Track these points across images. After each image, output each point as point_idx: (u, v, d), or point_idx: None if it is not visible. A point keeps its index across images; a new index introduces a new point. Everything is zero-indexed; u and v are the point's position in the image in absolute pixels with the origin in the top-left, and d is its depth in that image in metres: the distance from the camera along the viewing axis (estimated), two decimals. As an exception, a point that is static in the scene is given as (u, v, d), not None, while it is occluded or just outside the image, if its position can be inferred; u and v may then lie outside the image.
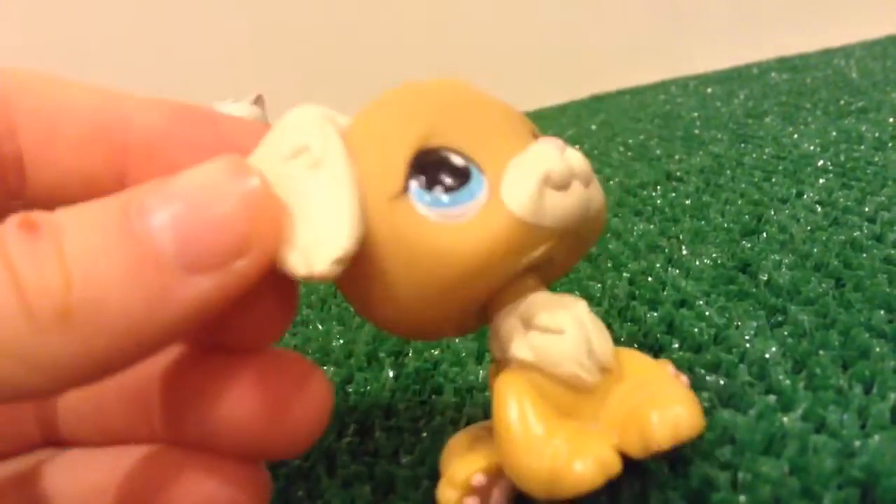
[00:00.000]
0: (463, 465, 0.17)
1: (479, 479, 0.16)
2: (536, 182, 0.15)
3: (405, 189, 0.15)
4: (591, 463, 0.14)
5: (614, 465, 0.14)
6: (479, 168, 0.15)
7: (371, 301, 0.16)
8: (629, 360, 0.16)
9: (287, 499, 0.20)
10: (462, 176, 0.15)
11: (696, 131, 0.58)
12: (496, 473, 0.16)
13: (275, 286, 0.15)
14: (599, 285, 0.30)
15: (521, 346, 0.16)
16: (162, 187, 0.13)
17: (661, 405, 0.15)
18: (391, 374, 0.26)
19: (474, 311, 0.17)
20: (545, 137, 0.16)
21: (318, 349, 0.29)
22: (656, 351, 0.24)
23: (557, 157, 0.15)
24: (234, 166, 0.14)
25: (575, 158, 0.16)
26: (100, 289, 0.12)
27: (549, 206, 0.15)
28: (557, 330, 0.15)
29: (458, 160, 0.15)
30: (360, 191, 0.15)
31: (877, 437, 0.17)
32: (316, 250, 0.14)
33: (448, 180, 0.15)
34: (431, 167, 0.15)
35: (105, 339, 0.12)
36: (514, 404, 0.15)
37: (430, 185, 0.15)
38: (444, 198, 0.15)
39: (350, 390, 0.25)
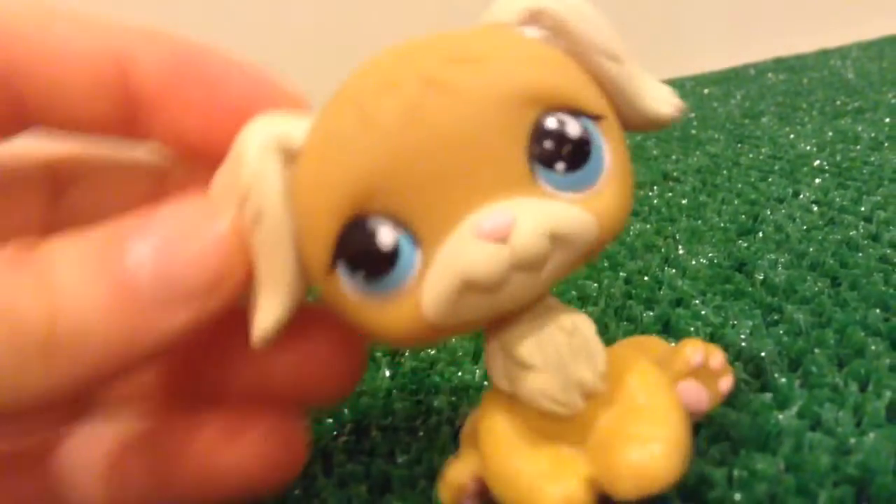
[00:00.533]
0: (459, 467, 0.17)
1: (470, 484, 0.17)
2: (453, 292, 0.13)
3: (334, 266, 0.14)
4: (555, 499, 0.14)
5: (581, 502, 0.14)
6: (416, 238, 0.14)
7: None
8: (625, 370, 0.15)
9: (283, 498, 0.20)
10: (388, 261, 0.14)
11: (693, 131, 0.58)
12: None
13: None
14: (596, 285, 0.30)
15: (500, 375, 0.15)
16: (141, 226, 0.14)
17: (626, 443, 0.14)
18: (387, 373, 0.26)
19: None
20: (482, 218, 0.13)
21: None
22: (652, 350, 0.24)
23: (487, 259, 0.13)
24: (208, 209, 0.14)
25: (523, 242, 0.13)
26: (82, 322, 0.13)
27: (473, 307, 0.14)
28: (530, 366, 0.15)
29: (387, 239, 0.14)
30: (293, 259, 0.15)
31: (872, 435, 0.17)
32: (255, 321, 0.15)
33: (372, 267, 0.14)
34: (358, 250, 0.14)
35: (83, 368, 0.13)
36: (491, 434, 0.15)
37: (353, 269, 0.14)
38: (367, 283, 0.14)
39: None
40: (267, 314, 0.15)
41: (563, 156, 0.14)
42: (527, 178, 0.14)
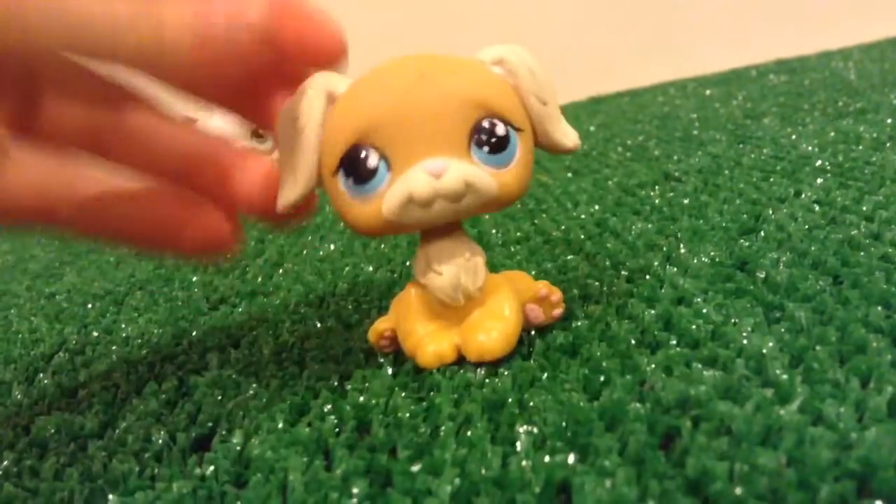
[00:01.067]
0: (384, 320, 0.27)
1: (388, 332, 0.27)
2: (401, 201, 0.22)
3: (337, 171, 0.23)
4: (430, 353, 0.25)
5: (447, 358, 0.25)
6: (390, 166, 0.23)
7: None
8: (494, 289, 0.25)
9: (284, 494, 0.20)
10: (370, 174, 0.22)
11: (695, 132, 0.58)
12: None
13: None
14: (598, 283, 0.30)
15: (419, 271, 0.25)
16: None
17: (479, 330, 0.25)
18: (390, 371, 0.26)
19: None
20: (430, 162, 0.22)
21: (316, 346, 0.29)
22: (653, 347, 0.24)
23: (424, 185, 0.22)
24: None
25: (448, 182, 0.22)
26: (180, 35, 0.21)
27: (411, 215, 0.23)
28: (439, 272, 0.24)
29: (373, 161, 0.22)
30: (316, 160, 0.23)
31: (874, 430, 0.17)
32: (280, 195, 0.24)
33: (359, 176, 0.23)
34: (353, 163, 0.23)
35: (180, 68, 0.21)
36: (403, 304, 0.26)
37: (347, 175, 0.23)
38: (354, 187, 0.23)
39: (349, 387, 0.25)
40: (290, 193, 0.24)
41: (489, 143, 0.23)
42: (465, 149, 0.23)
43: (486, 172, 0.23)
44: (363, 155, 0.22)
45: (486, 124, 0.23)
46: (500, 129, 0.23)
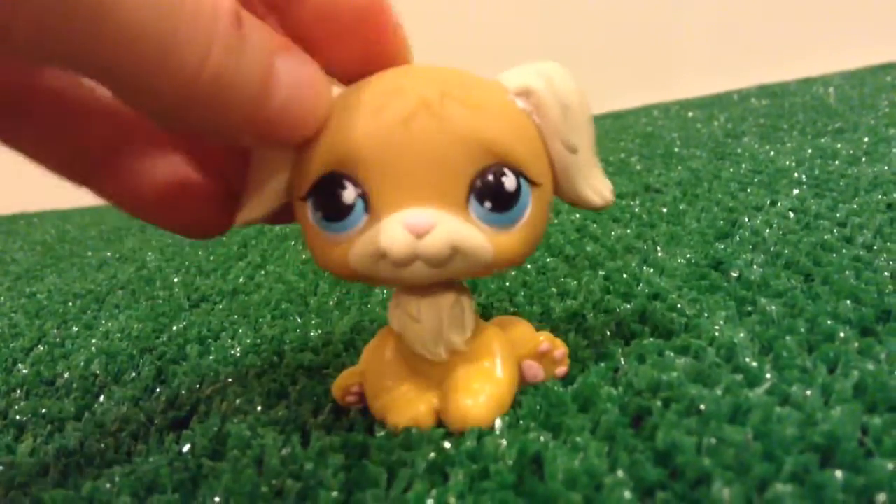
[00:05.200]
0: (350, 372, 0.22)
1: (356, 388, 0.22)
2: (371, 255, 0.18)
3: (307, 198, 0.19)
4: (404, 419, 0.20)
5: (423, 424, 0.20)
6: (368, 206, 0.18)
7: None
8: (485, 342, 0.21)
9: (261, 467, 0.20)
10: (343, 212, 0.18)
11: (676, 149, 0.58)
12: None
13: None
14: (575, 282, 0.30)
15: (394, 318, 0.21)
16: (292, 52, 0.18)
17: (465, 392, 0.20)
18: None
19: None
20: (413, 213, 0.18)
21: (296, 338, 0.29)
22: (628, 338, 0.24)
23: (402, 243, 0.18)
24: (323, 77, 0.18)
25: (431, 243, 0.18)
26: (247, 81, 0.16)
27: (382, 271, 0.18)
28: (417, 319, 0.20)
29: (349, 197, 0.18)
30: (286, 180, 0.20)
31: (839, 409, 0.18)
32: (241, 210, 0.20)
33: (330, 212, 0.19)
34: (325, 195, 0.19)
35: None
36: (376, 355, 0.22)
37: (317, 207, 0.19)
38: (323, 222, 0.19)
39: (326, 373, 0.25)
40: (251, 212, 0.20)
41: (493, 198, 0.18)
42: (460, 201, 0.18)
43: (482, 233, 0.18)
44: (338, 188, 0.18)
45: (492, 174, 0.18)
46: (510, 183, 0.18)
